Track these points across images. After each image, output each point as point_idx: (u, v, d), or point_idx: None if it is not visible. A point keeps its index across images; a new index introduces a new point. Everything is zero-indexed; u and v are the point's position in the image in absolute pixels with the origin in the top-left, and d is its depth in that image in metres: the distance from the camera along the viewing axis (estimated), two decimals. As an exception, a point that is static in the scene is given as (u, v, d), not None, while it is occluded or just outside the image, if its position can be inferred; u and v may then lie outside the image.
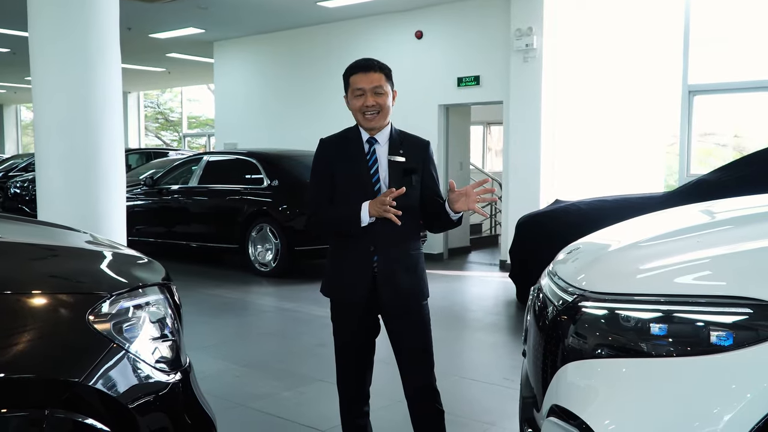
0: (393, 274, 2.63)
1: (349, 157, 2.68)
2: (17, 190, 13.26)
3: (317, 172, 2.74)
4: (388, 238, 2.61)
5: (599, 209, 6.04)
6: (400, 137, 2.75)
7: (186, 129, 23.28)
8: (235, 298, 7.16)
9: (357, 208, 2.56)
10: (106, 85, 4.98)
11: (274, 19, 10.88)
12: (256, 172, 8.54)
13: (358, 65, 2.68)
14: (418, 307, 2.71)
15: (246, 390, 4.21)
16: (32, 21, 4.97)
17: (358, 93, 2.66)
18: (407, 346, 2.72)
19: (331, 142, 2.77)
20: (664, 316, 1.78)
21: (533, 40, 8.41)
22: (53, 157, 4.96)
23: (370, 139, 2.70)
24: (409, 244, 2.69)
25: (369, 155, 2.69)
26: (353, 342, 2.75)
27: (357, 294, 2.65)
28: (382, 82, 2.65)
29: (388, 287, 2.63)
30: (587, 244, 2.58)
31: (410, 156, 2.70)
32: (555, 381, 1.99)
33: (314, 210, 2.73)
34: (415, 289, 2.69)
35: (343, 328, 2.76)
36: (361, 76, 2.65)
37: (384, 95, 2.66)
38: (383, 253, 2.62)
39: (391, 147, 2.70)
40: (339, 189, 2.68)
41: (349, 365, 2.77)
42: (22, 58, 14.00)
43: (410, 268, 2.67)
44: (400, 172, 2.65)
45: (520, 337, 5.42)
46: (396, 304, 2.67)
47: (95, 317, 1.76)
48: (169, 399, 1.87)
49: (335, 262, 2.74)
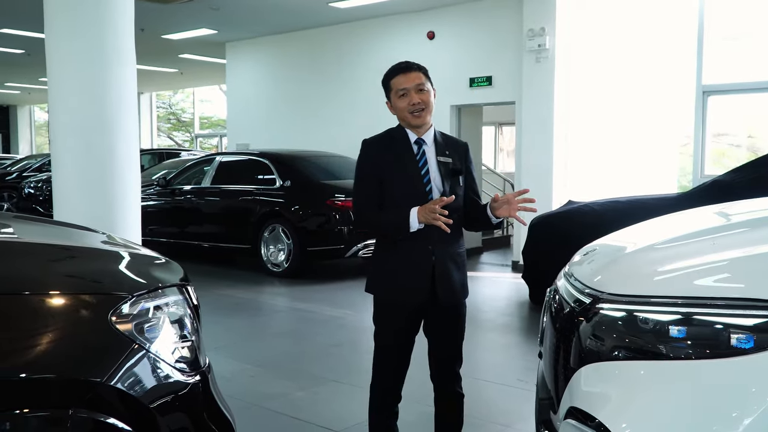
0: (449, 273, 2.70)
1: (398, 158, 2.71)
2: (31, 191, 13.35)
3: (363, 173, 2.76)
4: (442, 238, 2.65)
5: (612, 210, 6.02)
6: (444, 139, 2.80)
7: (198, 129, 23.36)
8: (247, 298, 7.19)
9: (406, 214, 2.60)
10: (121, 86, 5.01)
11: (286, 19, 10.91)
12: (269, 172, 8.56)
13: (397, 68, 2.74)
14: (463, 304, 2.83)
15: (260, 390, 4.23)
16: (48, 22, 5.00)
17: (401, 93, 2.70)
18: (446, 338, 2.81)
19: (377, 142, 2.79)
20: (683, 318, 1.78)
21: (546, 41, 8.39)
22: (69, 158, 4.99)
23: (419, 140, 2.74)
24: (459, 243, 2.77)
25: (419, 156, 2.72)
26: (397, 342, 2.77)
27: (418, 295, 2.69)
28: (422, 80, 2.70)
29: (444, 285, 2.69)
30: (603, 245, 2.57)
31: (454, 157, 2.76)
32: (572, 383, 1.98)
33: (361, 211, 2.77)
34: (464, 286, 2.80)
35: (390, 328, 2.77)
36: (403, 77, 2.70)
37: (427, 92, 2.71)
38: (440, 253, 2.68)
39: (437, 148, 2.75)
40: (389, 190, 2.70)
41: (389, 365, 2.80)
42: (36, 59, 14.13)
43: (460, 266, 2.76)
44: (449, 172, 2.71)
45: (533, 339, 5.42)
46: (449, 301, 2.74)
47: (117, 318, 1.78)
48: (188, 399, 1.89)
49: (390, 262, 2.74)
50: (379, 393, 2.85)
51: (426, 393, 3.16)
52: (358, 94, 10.99)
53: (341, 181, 8.40)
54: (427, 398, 3.22)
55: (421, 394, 3.13)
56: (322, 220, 7.96)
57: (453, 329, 2.82)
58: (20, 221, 2.78)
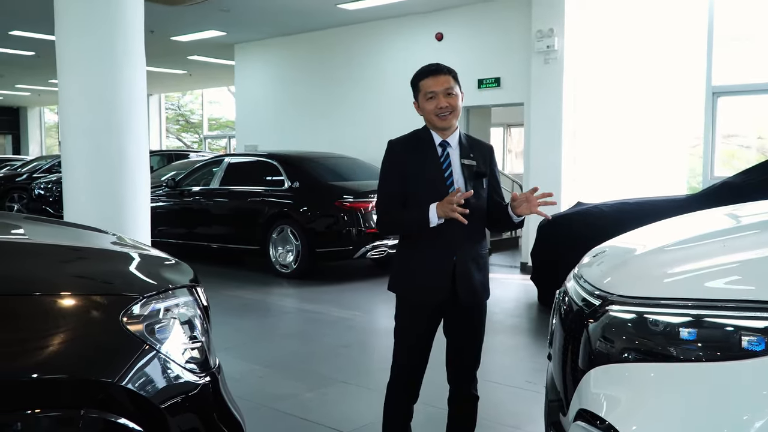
0: (469, 273, 2.73)
1: (422, 160, 2.74)
2: (41, 192, 13.41)
3: (388, 173, 2.80)
4: (464, 239, 2.70)
5: (621, 211, 6.00)
6: (468, 141, 2.83)
7: (206, 131, 23.45)
8: (256, 299, 7.21)
9: (425, 209, 2.63)
10: (131, 88, 5.03)
11: (295, 21, 10.93)
12: (277, 173, 8.58)
13: (427, 70, 2.76)
14: (484, 304, 2.86)
15: (268, 391, 4.24)
16: (59, 24, 5.04)
17: (430, 96, 2.73)
18: (466, 339, 2.85)
19: (402, 143, 2.81)
20: (693, 320, 1.77)
21: (554, 42, 8.37)
22: (79, 159, 5.02)
23: (443, 142, 2.77)
24: (481, 244, 2.81)
25: (443, 158, 2.75)
26: (417, 340, 2.80)
27: (438, 293, 2.72)
28: (451, 83, 2.74)
29: (464, 285, 2.73)
30: (613, 247, 2.57)
31: (478, 159, 2.79)
32: (582, 385, 1.98)
33: (384, 210, 2.82)
34: (485, 287, 2.83)
35: (410, 327, 2.81)
36: (432, 79, 2.73)
37: (455, 96, 2.74)
38: (461, 254, 2.71)
39: (461, 150, 2.78)
40: (412, 191, 2.72)
41: (409, 364, 2.83)
42: (46, 61, 14.22)
43: (481, 267, 2.79)
44: (472, 174, 2.74)
45: (542, 340, 5.41)
46: (469, 302, 2.77)
47: (128, 319, 1.79)
48: (199, 400, 1.90)
49: (412, 261, 2.78)
50: (397, 392, 2.88)
51: (436, 394, 3.16)
52: (366, 96, 11.01)
53: (349, 182, 8.41)
54: (436, 399, 3.23)
55: (431, 395, 3.13)
56: (330, 221, 7.96)
57: (472, 330, 2.85)
58: (31, 222, 2.79)
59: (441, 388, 3.06)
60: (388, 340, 5.73)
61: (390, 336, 2.90)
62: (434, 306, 2.77)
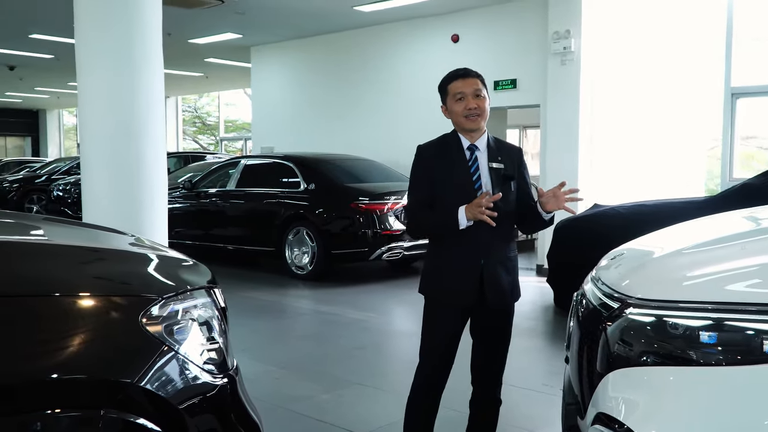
0: (498, 276, 2.75)
1: (450, 164, 2.77)
2: (60, 193, 13.54)
3: (417, 178, 2.83)
4: (492, 242, 2.72)
5: (639, 214, 5.95)
6: (497, 144, 2.85)
7: (223, 133, 23.57)
8: (272, 300, 7.23)
9: (454, 211, 2.66)
10: (149, 90, 5.07)
11: (311, 23, 10.97)
12: (293, 175, 8.61)
13: (456, 73, 2.81)
14: (512, 308, 2.88)
15: (285, 392, 4.25)
16: (78, 28, 5.08)
17: (458, 97, 2.75)
18: (492, 341, 2.87)
19: (431, 148, 2.85)
20: (713, 323, 1.76)
21: (571, 43, 8.34)
22: (98, 161, 5.07)
23: (471, 146, 2.79)
24: (510, 247, 2.82)
25: (471, 162, 2.78)
26: (444, 341, 2.82)
27: (466, 295, 2.74)
28: (480, 86, 2.77)
29: (492, 288, 2.74)
30: (631, 250, 2.56)
31: (507, 162, 2.80)
32: (600, 388, 1.97)
33: (413, 214, 2.86)
34: (514, 290, 2.84)
35: (440, 328, 2.82)
36: (461, 81, 2.77)
37: (483, 98, 2.76)
38: (489, 256, 2.73)
39: (489, 154, 2.79)
40: (440, 194, 2.76)
41: (437, 365, 2.85)
42: (65, 63, 14.36)
43: (510, 270, 2.81)
44: (500, 178, 2.76)
45: (558, 343, 5.38)
46: (497, 304, 2.78)
47: (147, 320, 1.81)
48: (217, 401, 1.91)
49: (440, 264, 2.81)
50: (422, 392, 2.88)
51: (456, 397, 3.15)
52: (382, 97, 11.02)
53: (365, 184, 8.42)
54: (456, 403, 3.22)
55: (451, 398, 3.12)
56: (346, 223, 7.97)
57: (499, 333, 2.87)
58: (50, 223, 2.82)
59: (461, 391, 3.06)
60: (404, 342, 5.74)
61: (405, 338, 2.91)
62: (462, 308, 2.79)
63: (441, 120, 3.03)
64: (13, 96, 22.58)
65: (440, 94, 2.85)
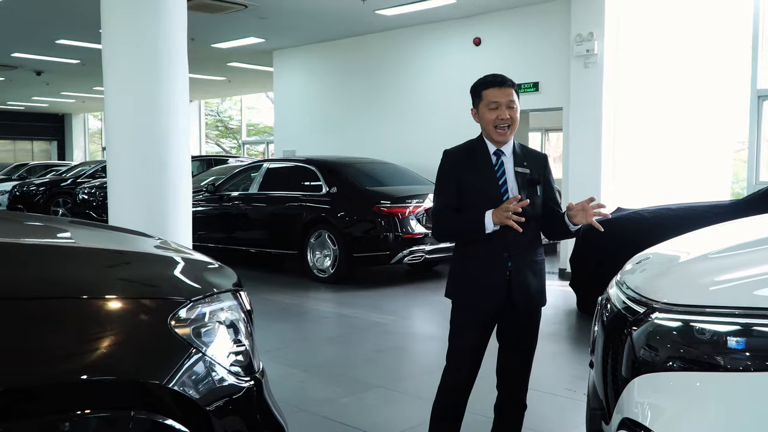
0: (525, 279, 2.77)
1: (477, 169, 2.80)
2: (85, 196, 13.71)
3: (443, 182, 2.86)
4: (519, 245, 2.74)
5: (663, 217, 5.90)
6: (522, 150, 2.88)
7: (245, 136, 23.73)
8: (294, 303, 7.26)
9: (481, 215, 2.68)
10: (174, 95, 5.13)
11: (333, 27, 11.02)
12: (315, 179, 8.65)
13: (493, 80, 2.79)
14: (539, 312, 2.89)
15: (307, 395, 4.27)
16: (105, 34, 5.15)
17: (492, 106, 2.76)
18: (519, 345, 2.88)
19: (457, 153, 2.87)
20: (741, 329, 1.74)
21: (594, 46, 8.29)
22: (124, 165, 5.13)
23: (497, 151, 2.81)
24: (537, 251, 2.83)
25: (497, 167, 2.80)
26: (473, 345, 2.83)
27: (494, 299, 2.76)
28: (513, 96, 2.77)
29: (520, 291, 2.76)
30: (656, 254, 2.54)
31: (532, 168, 2.83)
32: (626, 393, 1.96)
33: (439, 218, 2.88)
34: (541, 294, 2.84)
35: (467, 332, 2.84)
36: (497, 90, 2.76)
37: (515, 110, 2.78)
38: (516, 260, 2.75)
39: (515, 159, 2.82)
40: (467, 199, 2.78)
41: (464, 368, 2.85)
42: (90, 68, 14.57)
43: (537, 274, 2.82)
44: (526, 182, 2.79)
45: (581, 347, 5.35)
46: (525, 308, 2.81)
47: (176, 322, 1.83)
48: (243, 402, 1.93)
49: (468, 267, 2.82)
50: (449, 397, 2.89)
51: (478, 401, 3.15)
52: (404, 101, 11.03)
53: (387, 187, 8.44)
54: (481, 407, 3.22)
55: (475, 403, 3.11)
56: (367, 226, 7.99)
57: (526, 336, 2.88)
58: (79, 227, 2.86)
59: (486, 395, 3.06)
60: (426, 345, 5.74)
61: (427, 341, 2.92)
62: (490, 312, 2.80)
63: (462, 123, 3.05)
64: (40, 101, 22.92)
65: (472, 97, 2.85)
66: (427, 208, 7.92)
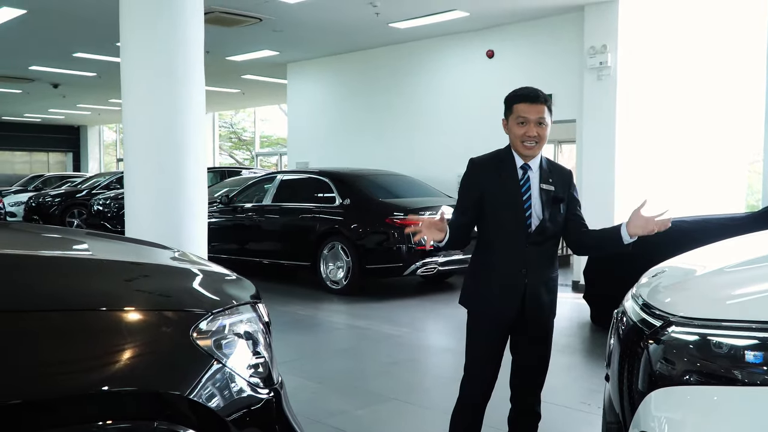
0: (539, 295, 2.79)
1: (502, 180, 2.79)
2: (100, 207, 13.82)
3: (466, 191, 2.87)
4: (537, 262, 2.77)
5: (678, 230, 5.80)
6: (549, 166, 2.86)
7: (258, 148, 23.85)
8: (307, 315, 7.28)
9: None
10: (191, 107, 5.18)
11: (346, 40, 11.09)
12: (329, 191, 8.68)
13: (525, 94, 2.76)
14: (551, 324, 2.92)
15: (321, 406, 4.28)
16: (124, 47, 5.22)
17: (521, 121, 2.74)
18: (532, 356, 2.90)
19: (483, 163, 2.87)
20: (759, 343, 1.74)
21: (607, 58, 8.30)
22: (141, 176, 5.18)
23: (524, 165, 2.80)
24: (553, 267, 2.86)
25: (522, 181, 2.79)
26: (489, 354, 2.86)
27: (508, 312, 2.79)
28: (545, 113, 2.74)
29: (534, 306, 2.79)
30: (672, 267, 2.54)
31: (558, 184, 2.83)
32: (642, 407, 1.96)
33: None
34: (553, 308, 2.88)
35: (483, 342, 2.87)
36: (528, 105, 2.73)
37: (545, 127, 2.75)
38: (533, 275, 2.77)
39: (541, 174, 2.81)
40: (491, 210, 2.79)
41: (478, 378, 2.89)
42: (107, 81, 14.72)
43: (551, 290, 2.85)
44: (550, 200, 2.79)
45: (596, 360, 5.33)
46: (538, 321, 2.83)
47: (197, 334, 1.86)
48: (263, 414, 1.95)
49: (485, 280, 2.84)
50: (466, 406, 2.91)
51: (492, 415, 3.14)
52: (417, 113, 11.06)
53: (400, 199, 8.45)
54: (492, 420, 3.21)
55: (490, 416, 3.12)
56: (381, 238, 8.01)
57: (539, 347, 2.89)
58: (95, 238, 2.88)
59: (500, 409, 3.05)
60: (440, 357, 5.74)
61: (441, 353, 2.94)
62: (503, 323, 2.82)
63: (475, 135, 3.09)
64: (56, 113, 23.16)
65: (505, 107, 2.82)
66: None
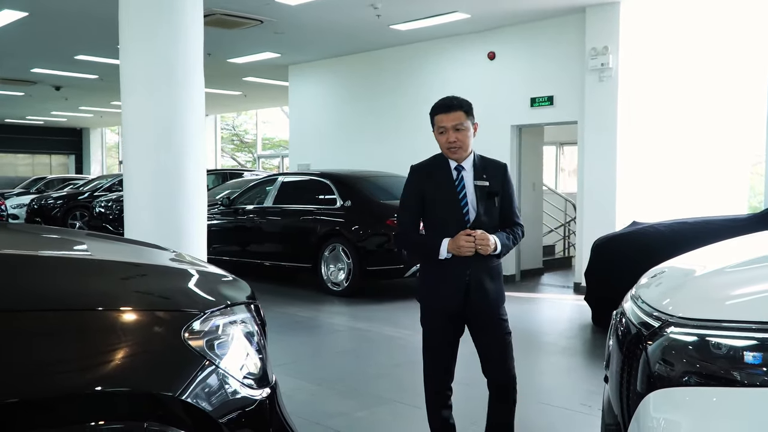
0: (482, 283, 3.00)
1: (439, 183, 3.04)
2: (102, 210, 13.82)
3: (408, 195, 3.13)
4: (477, 255, 2.94)
5: (679, 232, 5.86)
6: (482, 162, 3.09)
7: (260, 150, 23.86)
8: (307, 316, 7.27)
9: (438, 243, 2.95)
10: (191, 109, 5.18)
11: (348, 42, 11.09)
12: (330, 192, 8.67)
13: (440, 105, 3.02)
14: (500, 310, 3.08)
15: (320, 408, 4.26)
16: (123, 49, 5.22)
17: (441, 131, 3.01)
18: (489, 338, 3.06)
19: (422, 168, 3.13)
20: (758, 344, 1.73)
21: (609, 59, 8.29)
22: (140, 178, 5.18)
23: (458, 166, 3.05)
24: (493, 257, 3.03)
25: (457, 181, 3.04)
26: (442, 341, 3.10)
27: (454, 302, 3.01)
28: (462, 119, 2.98)
29: (478, 294, 3.00)
30: (671, 268, 2.52)
31: (492, 179, 3.05)
32: (641, 409, 1.94)
33: (402, 230, 3.18)
34: (499, 294, 3.08)
35: (435, 330, 3.11)
36: (443, 115, 2.99)
37: (464, 131, 2.98)
38: (474, 267, 2.98)
39: (475, 172, 3.04)
40: (430, 210, 3.05)
41: (436, 361, 3.12)
42: (108, 83, 14.73)
43: (494, 277, 3.05)
44: (484, 195, 3.01)
45: (596, 362, 5.31)
46: (484, 308, 3.03)
47: (190, 334, 1.84)
48: (256, 415, 1.93)
49: (431, 274, 3.07)
50: (431, 387, 3.15)
51: (478, 411, 3.13)
52: (418, 115, 11.02)
53: (401, 201, 8.43)
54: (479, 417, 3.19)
55: (473, 415, 3.11)
56: (382, 240, 8.00)
57: (494, 334, 3.05)
58: (96, 239, 2.88)
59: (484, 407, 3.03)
60: (440, 359, 5.57)
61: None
62: (452, 312, 3.03)
63: (478, 136, 3.09)
64: (59, 115, 23.19)
65: (430, 121, 3.05)
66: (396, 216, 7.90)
